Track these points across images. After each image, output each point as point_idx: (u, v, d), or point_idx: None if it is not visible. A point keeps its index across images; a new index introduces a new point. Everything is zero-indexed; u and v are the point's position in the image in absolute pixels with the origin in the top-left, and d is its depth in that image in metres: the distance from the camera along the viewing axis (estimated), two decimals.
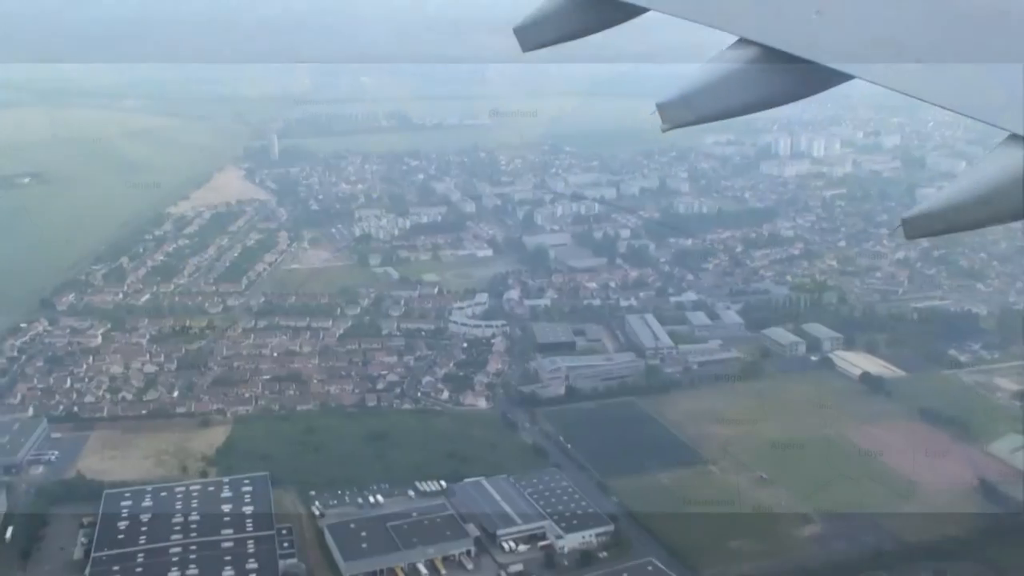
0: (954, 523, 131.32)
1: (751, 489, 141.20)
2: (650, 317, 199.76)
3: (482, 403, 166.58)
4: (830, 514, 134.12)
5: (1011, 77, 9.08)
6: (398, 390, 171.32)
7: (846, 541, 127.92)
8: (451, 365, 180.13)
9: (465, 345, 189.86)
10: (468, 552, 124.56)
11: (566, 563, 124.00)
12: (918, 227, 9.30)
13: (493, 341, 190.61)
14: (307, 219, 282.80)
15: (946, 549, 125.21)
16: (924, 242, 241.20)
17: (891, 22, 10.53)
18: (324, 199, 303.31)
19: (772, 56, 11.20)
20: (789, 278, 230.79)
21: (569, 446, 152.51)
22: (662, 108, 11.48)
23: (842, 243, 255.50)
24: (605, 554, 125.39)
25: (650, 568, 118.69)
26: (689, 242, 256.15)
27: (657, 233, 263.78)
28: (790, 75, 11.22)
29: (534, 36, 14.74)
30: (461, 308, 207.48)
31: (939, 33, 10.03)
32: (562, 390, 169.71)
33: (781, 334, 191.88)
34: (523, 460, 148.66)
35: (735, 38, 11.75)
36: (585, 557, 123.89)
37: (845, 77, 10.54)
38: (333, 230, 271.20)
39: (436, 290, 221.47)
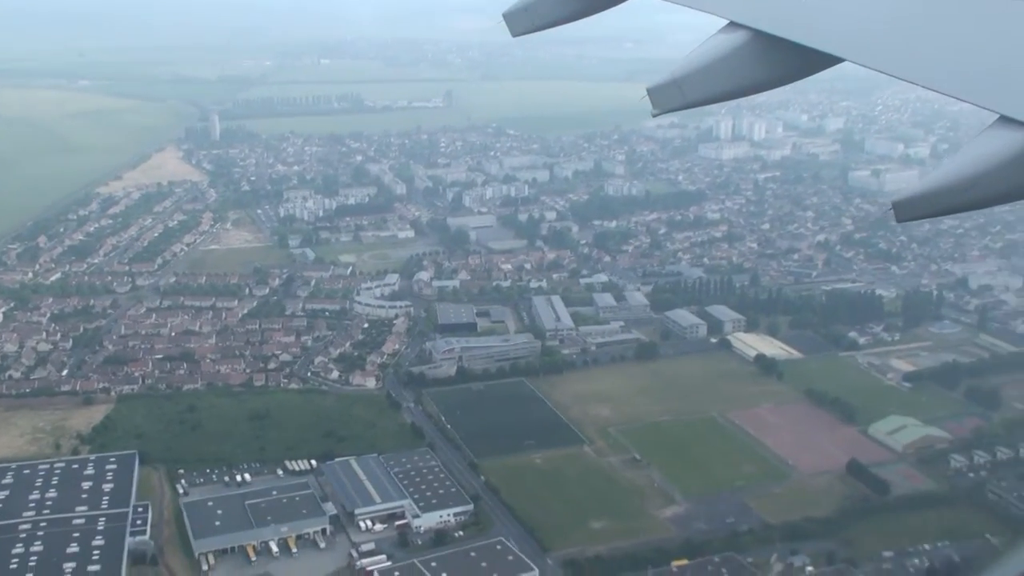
0: (819, 503, 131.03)
1: (623, 469, 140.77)
2: (556, 299, 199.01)
3: (371, 383, 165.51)
4: (697, 494, 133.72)
5: (999, 60, 9.03)
6: (288, 370, 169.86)
7: (706, 521, 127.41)
8: (347, 345, 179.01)
9: (366, 325, 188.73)
10: (323, 531, 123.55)
11: (419, 542, 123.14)
12: (907, 210, 9.07)
13: (395, 322, 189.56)
14: (236, 200, 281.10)
15: (806, 528, 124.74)
16: (848, 224, 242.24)
17: (880, 6, 10.57)
18: (257, 180, 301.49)
19: (762, 40, 11.07)
20: (706, 260, 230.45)
21: (449, 426, 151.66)
22: (652, 93, 11.37)
23: (766, 225, 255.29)
24: (461, 533, 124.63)
25: (499, 547, 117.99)
26: (613, 224, 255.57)
27: (583, 215, 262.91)
28: (780, 59, 11.10)
29: (524, 22, 14.62)
30: (369, 289, 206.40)
31: (928, 16, 9.98)
32: (453, 371, 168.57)
33: (683, 316, 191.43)
34: (399, 440, 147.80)
35: (725, 21, 11.60)
36: (439, 536, 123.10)
37: (835, 60, 10.43)
38: (259, 211, 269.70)
39: (349, 271, 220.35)
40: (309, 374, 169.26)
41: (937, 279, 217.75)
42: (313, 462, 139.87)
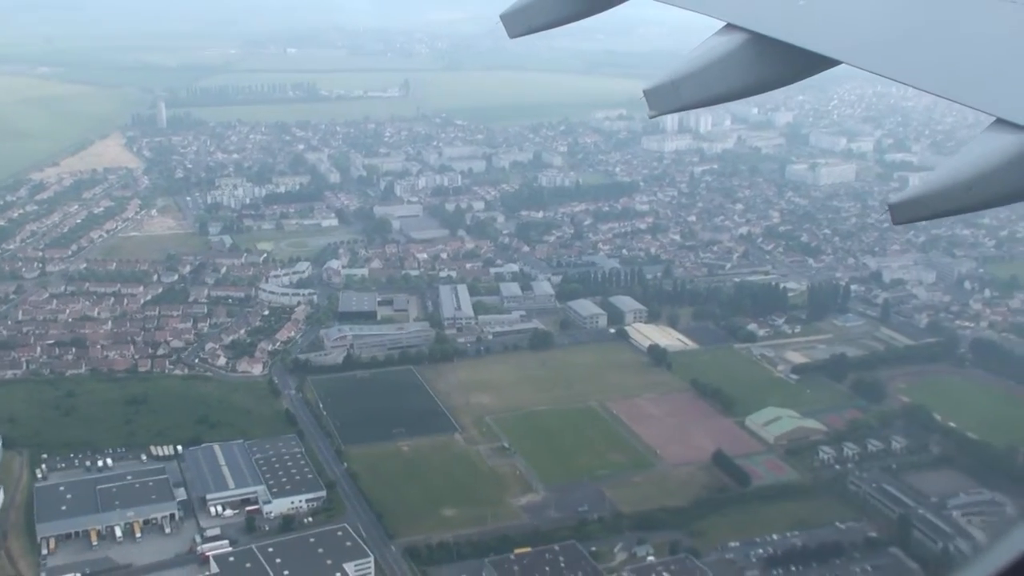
0: (677, 493, 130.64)
1: (490, 457, 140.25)
2: (461, 288, 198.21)
3: (257, 370, 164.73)
4: (557, 482, 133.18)
5: (996, 62, 8.95)
6: (176, 356, 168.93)
7: (560, 509, 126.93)
8: (242, 332, 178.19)
9: (266, 313, 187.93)
10: (172, 516, 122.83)
11: (267, 528, 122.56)
12: (905, 212, 8.87)
13: (295, 309, 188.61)
14: (167, 187, 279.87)
15: (658, 518, 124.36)
16: (775, 217, 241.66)
17: (877, 8, 10.53)
18: (193, 168, 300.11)
19: (759, 42, 10.94)
20: (625, 251, 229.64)
21: (325, 413, 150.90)
22: (649, 94, 11.23)
23: (692, 218, 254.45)
24: (310, 519, 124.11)
25: (340, 534, 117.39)
26: (540, 215, 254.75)
27: (511, 205, 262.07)
28: (777, 61, 10.97)
29: (521, 23, 14.31)
30: (277, 276, 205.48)
31: (925, 19, 9.90)
32: (341, 358, 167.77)
33: (585, 306, 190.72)
34: (272, 427, 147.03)
35: (722, 23, 11.51)
36: (287, 522, 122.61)
37: (832, 63, 10.30)
38: (188, 199, 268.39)
39: (262, 259, 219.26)
40: (197, 360, 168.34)
41: (852, 273, 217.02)
42: (179, 448, 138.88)
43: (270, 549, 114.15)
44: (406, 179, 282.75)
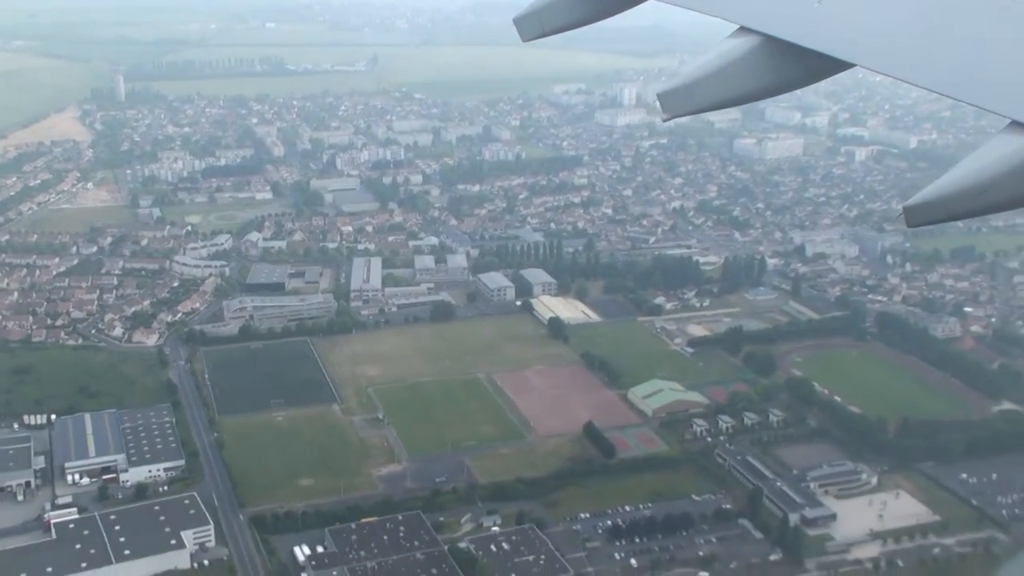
0: (539, 464, 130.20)
1: (363, 428, 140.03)
2: (375, 260, 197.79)
3: (151, 340, 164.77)
4: (423, 453, 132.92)
5: (1011, 64, 8.82)
6: (73, 327, 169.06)
7: (417, 480, 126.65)
8: (146, 304, 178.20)
9: (175, 284, 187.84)
10: (27, 484, 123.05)
11: (120, 496, 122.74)
12: (918, 215, 8.79)
13: (205, 281, 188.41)
14: (110, 160, 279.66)
15: (514, 489, 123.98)
16: (712, 191, 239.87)
17: (891, 10, 10.43)
18: (140, 141, 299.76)
19: (773, 45, 10.90)
20: (553, 225, 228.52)
21: (208, 383, 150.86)
22: (663, 97, 11.17)
23: (628, 192, 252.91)
24: (166, 488, 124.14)
25: (187, 502, 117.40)
26: (476, 188, 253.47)
27: (450, 179, 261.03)
28: (791, 63, 10.94)
29: (534, 26, 14.28)
30: (195, 248, 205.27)
31: (939, 21, 9.80)
32: (237, 329, 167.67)
33: (495, 278, 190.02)
34: (152, 396, 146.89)
35: (736, 26, 11.46)
36: (141, 490, 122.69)
37: (846, 65, 10.30)
38: (128, 172, 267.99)
39: (185, 231, 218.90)
40: (93, 331, 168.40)
41: (776, 247, 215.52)
42: (53, 416, 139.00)
43: (112, 517, 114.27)
44: (349, 152, 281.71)
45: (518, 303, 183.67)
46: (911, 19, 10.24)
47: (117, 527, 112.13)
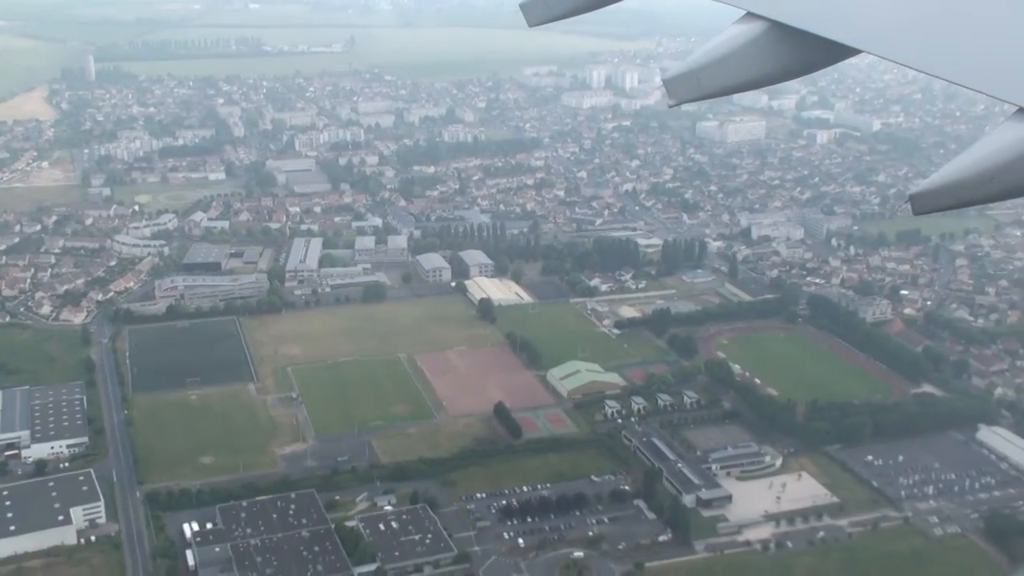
0: (444, 445, 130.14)
1: (275, 406, 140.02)
2: (315, 241, 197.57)
3: (79, 319, 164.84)
4: (330, 432, 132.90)
5: (1018, 51, 8.89)
6: (3, 305, 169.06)
7: (320, 459, 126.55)
8: (79, 282, 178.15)
9: (112, 263, 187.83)
10: None
11: (20, 472, 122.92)
12: (924, 203, 8.75)
13: (143, 260, 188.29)
14: (69, 140, 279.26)
15: (414, 469, 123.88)
16: (667, 174, 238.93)
17: None
18: (103, 121, 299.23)
19: (779, 31, 10.91)
20: (502, 207, 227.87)
21: (128, 361, 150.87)
22: (669, 83, 11.18)
23: (583, 174, 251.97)
24: (67, 464, 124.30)
25: (81, 479, 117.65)
26: (432, 170, 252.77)
27: (406, 160, 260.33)
28: (798, 49, 10.94)
29: (541, 11, 14.39)
30: (138, 228, 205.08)
31: (945, 8, 9.89)
32: (165, 308, 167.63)
33: (432, 259, 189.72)
34: (71, 374, 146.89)
35: (742, 12, 11.48)
36: (40, 466, 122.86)
37: (852, 51, 10.31)
38: (86, 151, 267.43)
39: (132, 211, 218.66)
40: (23, 309, 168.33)
41: (723, 229, 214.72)
42: None
43: (4, 493, 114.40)
44: (309, 133, 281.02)
45: (453, 284, 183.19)
46: (918, 6, 10.26)
47: (8, 503, 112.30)
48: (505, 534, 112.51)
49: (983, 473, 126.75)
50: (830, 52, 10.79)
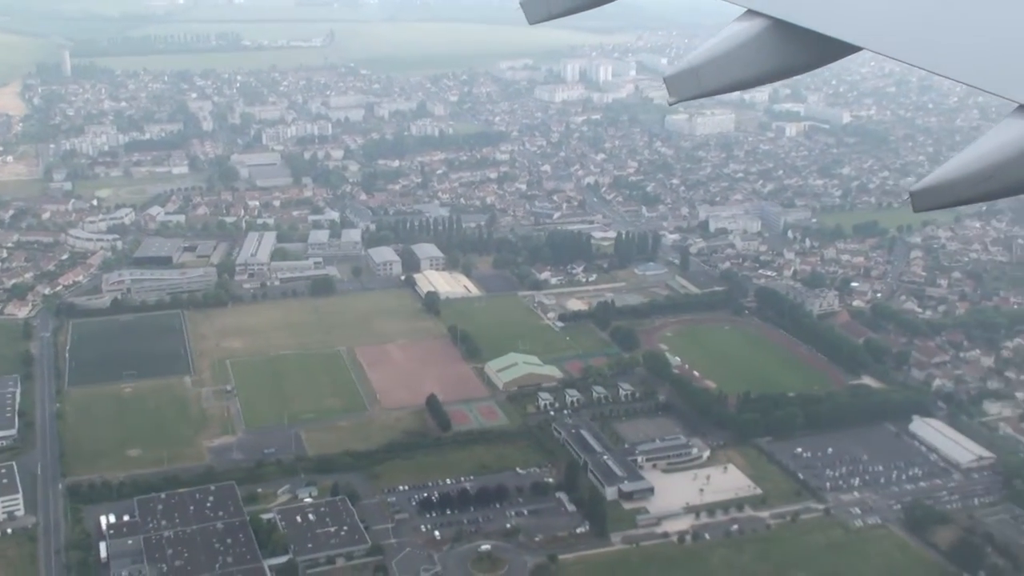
0: (373, 437, 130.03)
1: (209, 399, 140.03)
2: (269, 235, 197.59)
3: (23, 312, 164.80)
4: (261, 425, 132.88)
5: (1019, 49, 8.91)
6: None
7: (247, 451, 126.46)
8: (28, 276, 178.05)
9: (65, 257, 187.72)
10: None
11: None
12: (925, 200, 8.80)
13: (94, 254, 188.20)
14: (38, 134, 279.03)
15: (340, 461, 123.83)
16: (631, 167, 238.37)
17: None
18: (73, 115, 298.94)
19: (780, 28, 10.92)
20: (463, 200, 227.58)
21: (68, 355, 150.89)
22: (669, 81, 11.21)
23: (546, 167, 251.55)
24: None
25: (2, 471, 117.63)
26: (396, 163, 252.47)
27: (371, 154, 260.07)
28: (798, 47, 10.96)
29: (541, 8, 14.28)
30: (93, 222, 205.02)
31: (946, 5, 9.92)
32: (110, 302, 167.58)
33: (383, 253, 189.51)
34: (6, 367, 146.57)
35: (743, 9, 11.51)
36: None
37: (853, 49, 10.32)
38: (52, 146, 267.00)
39: (90, 205, 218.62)
40: None
41: (681, 222, 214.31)
42: None
43: None
44: (277, 127, 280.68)
45: (402, 278, 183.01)
46: (918, 3, 10.23)
47: None
48: (423, 526, 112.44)
49: (911, 464, 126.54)
50: (831, 49, 10.78)
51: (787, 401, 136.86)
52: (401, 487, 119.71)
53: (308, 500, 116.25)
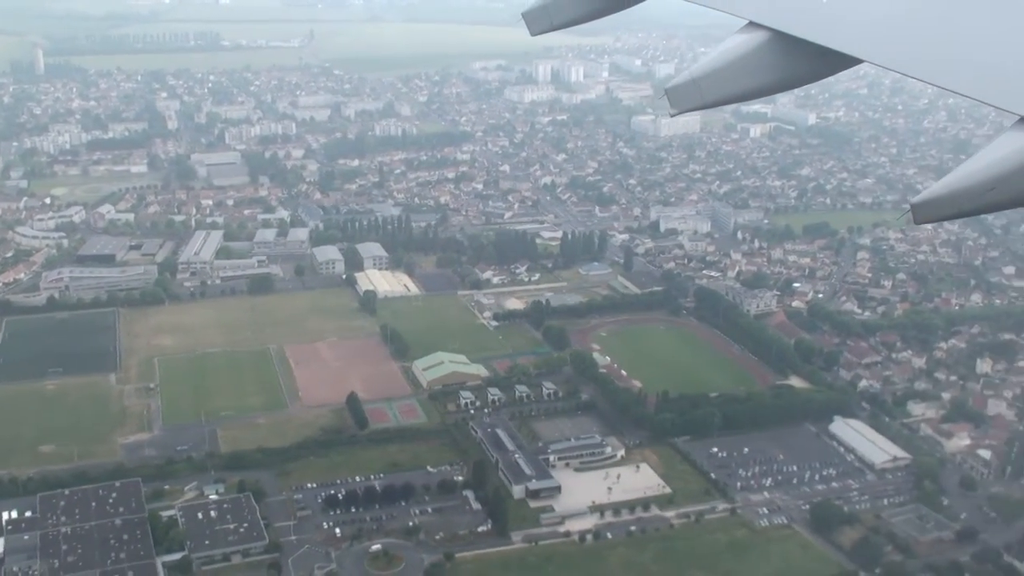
0: (289, 435, 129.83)
1: (131, 396, 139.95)
2: (216, 233, 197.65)
3: None
4: (178, 422, 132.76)
5: (1019, 61, 8.90)
6: None
7: (160, 448, 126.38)
8: None
9: (9, 255, 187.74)
10: None
11: None
12: (926, 212, 8.82)
13: (38, 252, 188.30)
14: (1, 132, 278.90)
15: (253, 459, 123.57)
16: (590, 168, 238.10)
17: (899, 6, 10.50)
18: (40, 114, 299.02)
19: (781, 40, 10.98)
20: (417, 200, 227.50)
21: None
22: (671, 92, 11.32)
23: (505, 167, 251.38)
24: None
25: None
26: (356, 163, 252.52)
27: (333, 154, 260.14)
28: (799, 59, 11.02)
29: (542, 21, 14.49)
30: (42, 220, 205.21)
31: (947, 17, 9.89)
32: (46, 299, 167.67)
33: (327, 252, 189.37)
34: None
35: (744, 21, 11.56)
36: None
37: (854, 61, 10.36)
38: (15, 144, 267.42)
39: (43, 203, 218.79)
40: None
41: (632, 222, 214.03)
42: None
43: None
44: (240, 127, 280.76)
45: (344, 276, 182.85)
46: (919, 15, 10.20)
47: None
48: (325, 524, 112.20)
49: (827, 465, 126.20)
50: (832, 62, 10.79)
51: (707, 401, 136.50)
52: (310, 485, 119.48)
53: (213, 497, 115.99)
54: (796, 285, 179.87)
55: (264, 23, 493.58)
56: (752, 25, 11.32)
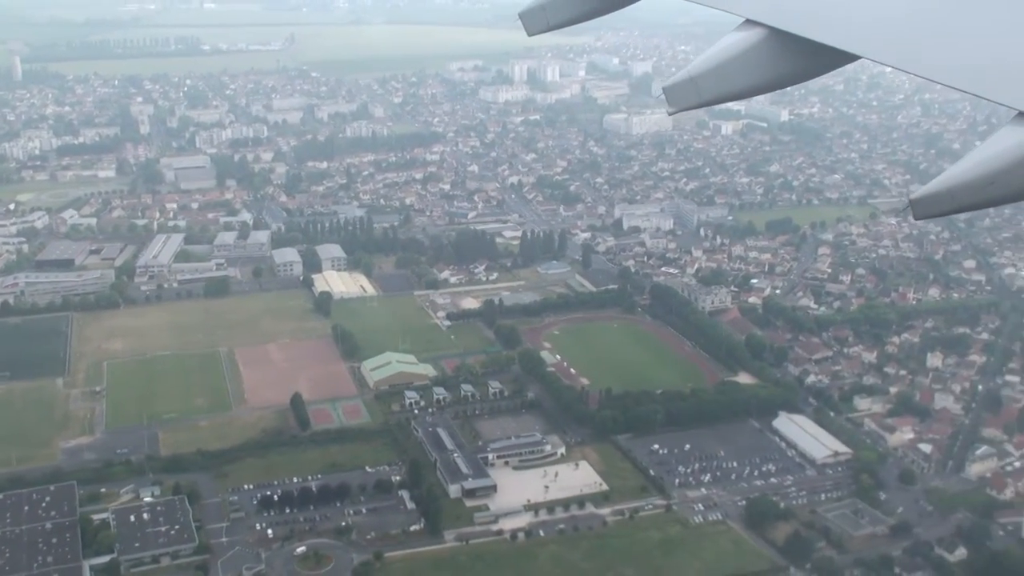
0: (231, 436, 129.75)
1: (76, 400, 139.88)
2: (176, 237, 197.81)
3: None
4: (121, 425, 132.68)
5: (1018, 56, 8.94)
6: None
7: (101, 452, 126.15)
8: None
9: None
10: None
11: None
12: (925, 207, 8.87)
13: None
14: None
15: (191, 461, 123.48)
16: (559, 167, 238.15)
17: (897, 2, 10.57)
18: (13, 120, 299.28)
19: (778, 37, 10.99)
20: (382, 201, 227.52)
21: None
22: (668, 91, 11.25)
23: (474, 168, 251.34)
24: None
25: None
26: (324, 165, 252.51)
27: (302, 156, 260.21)
28: (797, 56, 11.04)
29: (539, 21, 14.46)
30: (3, 226, 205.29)
31: (945, 13, 9.94)
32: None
33: (286, 254, 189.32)
34: None
35: (741, 19, 11.57)
36: None
37: (852, 57, 10.37)
38: None
39: (7, 208, 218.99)
40: None
41: (595, 220, 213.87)
42: None
43: None
44: (213, 130, 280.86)
45: (300, 278, 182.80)
46: (917, 10, 10.21)
47: None
48: (258, 525, 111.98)
49: (767, 460, 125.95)
50: (829, 58, 10.78)
51: (650, 398, 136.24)
52: (246, 486, 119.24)
53: (148, 500, 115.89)
54: (754, 281, 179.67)
55: (245, 27, 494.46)
56: (749, 23, 11.28)
